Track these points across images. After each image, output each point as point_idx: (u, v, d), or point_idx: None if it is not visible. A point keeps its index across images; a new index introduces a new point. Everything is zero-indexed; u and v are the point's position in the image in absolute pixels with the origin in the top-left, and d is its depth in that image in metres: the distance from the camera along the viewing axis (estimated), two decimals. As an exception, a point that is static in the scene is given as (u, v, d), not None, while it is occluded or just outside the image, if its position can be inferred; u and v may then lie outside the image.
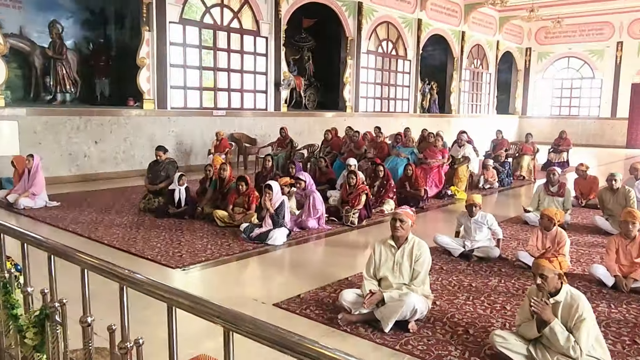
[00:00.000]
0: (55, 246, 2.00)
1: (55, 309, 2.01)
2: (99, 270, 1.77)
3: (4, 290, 2.34)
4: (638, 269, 4.62)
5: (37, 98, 10.72)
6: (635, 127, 21.92)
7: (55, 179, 9.27)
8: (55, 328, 2.02)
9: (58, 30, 10.63)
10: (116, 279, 1.71)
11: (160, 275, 4.69)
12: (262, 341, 1.30)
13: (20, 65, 10.58)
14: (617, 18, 21.69)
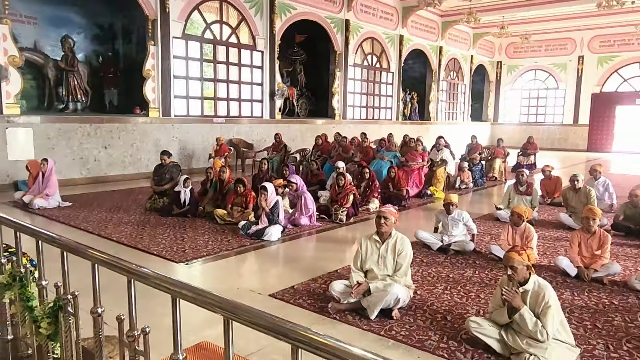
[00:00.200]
0: (68, 243, 1.98)
1: (68, 301, 1.99)
2: (108, 265, 1.76)
3: (20, 284, 2.31)
4: (598, 260, 4.67)
5: (50, 107, 10.63)
6: (595, 132, 22.15)
7: (67, 181, 9.18)
8: (68, 318, 2.00)
9: (70, 44, 10.56)
10: (124, 273, 1.70)
11: (165, 269, 4.66)
12: (259, 329, 1.29)
13: (34, 76, 10.50)
14: (579, 35, 21.90)
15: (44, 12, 10.58)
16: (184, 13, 11.02)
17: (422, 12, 17.70)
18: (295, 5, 13.52)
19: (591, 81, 22.06)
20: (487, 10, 17.81)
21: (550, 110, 23.70)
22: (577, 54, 22.32)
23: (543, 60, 23.44)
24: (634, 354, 3.14)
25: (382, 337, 3.32)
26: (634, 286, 4.34)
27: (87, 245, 1.90)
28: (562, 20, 19.69)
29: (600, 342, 3.30)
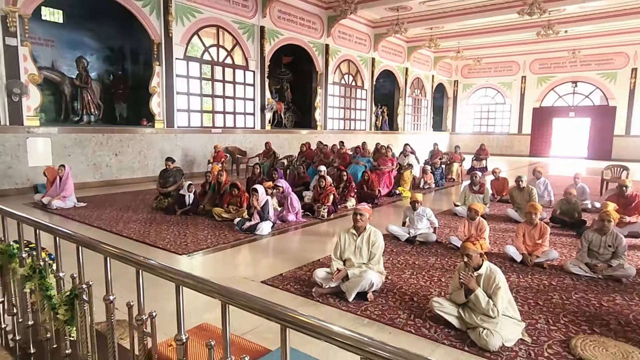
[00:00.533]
0: (83, 239, 1.93)
1: (83, 290, 1.95)
2: (119, 258, 1.72)
3: (40, 275, 2.25)
4: (539, 248, 4.75)
5: (67, 119, 10.39)
6: (536, 140, 22.56)
7: (82, 184, 8.98)
8: (83, 305, 1.96)
9: (84, 64, 10.36)
10: (133, 264, 1.67)
11: (170, 261, 4.59)
12: (252, 311, 1.28)
13: (52, 92, 10.24)
14: (522, 58, 22.31)
15: (61, 36, 10.36)
16: (185, 37, 10.90)
17: (391, 38, 17.83)
18: (282, 31, 13.51)
19: (532, 97, 22.50)
20: (445, 37, 18.04)
21: (499, 122, 24.03)
22: (520, 74, 22.73)
23: (492, 80, 23.79)
24: (569, 326, 3.20)
25: (358, 317, 3.32)
26: (569, 269, 4.43)
27: (100, 241, 1.86)
28: (508, 46, 20.06)
29: (541, 317, 3.35)
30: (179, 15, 10.65)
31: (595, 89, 20.89)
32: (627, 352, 2.79)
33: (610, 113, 20.37)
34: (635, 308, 3.56)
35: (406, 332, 3.07)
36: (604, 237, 4.42)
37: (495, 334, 2.80)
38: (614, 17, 14.80)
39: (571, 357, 2.75)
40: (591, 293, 3.89)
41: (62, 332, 2.14)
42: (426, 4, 14.64)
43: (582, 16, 15.12)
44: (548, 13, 13.17)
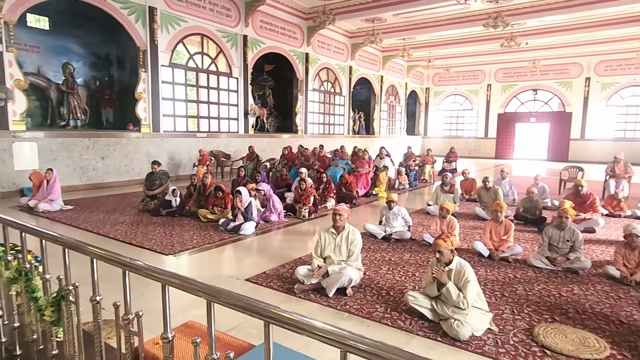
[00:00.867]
0: (69, 241, 1.87)
1: (69, 291, 1.88)
2: (105, 259, 1.67)
3: (25, 278, 2.17)
4: (504, 243, 4.84)
5: (53, 124, 10.05)
6: (501, 144, 23.09)
7: (69, 187, 8.71)
8: (70, 306, 1.89)
9: (70, 70, 10.05)
10: (119, 265, 1.62)
11: (156, 261, 4.50)
12: (237, 309, 1.27)
13: (38, 97, 9.90)
14: (487, 68, 22.82)
15: (47, 43, 10.03)
16: (171, 45, 10.72)
17: (367, 47, 17.98)
18: (264, 40, 13.44)
19: (497, 104, 23.04)
20: (417, 48, 18.30)
21: (467, 127, 24.48)
22: (486, 82, 23.25)
23: (461, 87, 24.24)
24: (532, 315, 3.28)
25: (338, 311, 3.32)
26: (531, 263, 4.54)
27: (86, 243, 1.80)
28: (474, 56, 20.48)
29: (507, 307, 3.42)
30: (164, 24, 10.47)
31: (553, 96, 21.55)
32: (584, 338, 2.87)
33: (567, 118, 21.05)
34: (591, 297, 3.68)
35: (383, 325, 3.08)
36: (562, 232, 4.55)
37: (465, 325, 2.85)
38: (570, 31, 15.31)
39: (534, 344, 2.81)
40: (551, 284, 3.99)
41: (48, 333, 2.07)
42: (399, 16, 14.83)
43: (541, 29, 15.59)
44: (511, 26, 13.52)
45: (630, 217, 7.31)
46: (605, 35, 16.42)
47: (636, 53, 17.25)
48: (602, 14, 13.84)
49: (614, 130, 20.21)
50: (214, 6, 11.70)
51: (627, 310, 3.41)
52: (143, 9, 9.97)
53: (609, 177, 8.91)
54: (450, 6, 13.18)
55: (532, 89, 21.98)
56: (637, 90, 19.53)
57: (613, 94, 20.01)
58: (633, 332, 3.00)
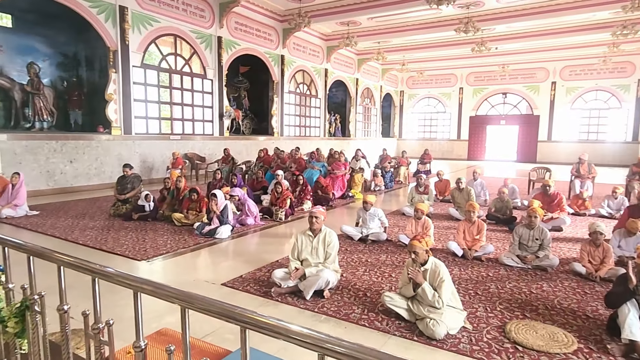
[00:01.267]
0: (34, 248, 1.79)
1: (34, 301, 1.80)
2: (73, 267, 1.60)
3: (-14, 288, 2.06)
4: (477, 243, 4.95)
5: (17, 126, 9.63)
6: (473, 145, 23.69)
7: (35, 192, 8.36)
8: (35, 317, 1.81)
9: (35, 70, 9.66)
10: (88, 273, 1.56)
11: (128, 267, 4.37)
12: (212, 314, 1.24)
13: (1, 98, 9.47)
14: (459, 72, 23.40)
15: (10, 41, 9.60)
16: (142, 46, 10.47)
17: (342, 50, 18.09)
18: (239, 42, 13.33)
19: (468, 107, 23.64)
20: (391, 51, 18.56)
21: (440, 129, 24.96)
22: (458, 86, 23.82)
23: (434, 91, 24.74)
24: (504, 312, 3.36)
25: (316, 314, 3.30)
26: (503, 261, 4.66)
27: (53, 250, 1.72)
28: (447, 60, 20.95)
29: (480, 305, 3.50)
30: (136, 24, 10.22)
31: (522, 99, 22.30)
32: (553, 333, 2.97)
33: (534, 121, 21.83)
34: (559, 294, 3.81)
35: (360, 326, 3.09)
36: (531, 231, 4.70)
37: (440, 324, 2.89)
38: (536, 37, 15.91)
39: (507, 341, 2.88)
40: (522, 282, 4.11)
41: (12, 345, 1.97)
42: (374, 19, 15.02)
43: (509, 35, 16.13)
44: (481, 31, 13.91)
45: (594, 215, 7.62)
46: (569, 42, 17.15)
47: (598, 59, 18.07)
48: (566, 21, 14.45)
49: (578, 133, 21.10)
50: (187, 7, 11.52)
51: (592, 305, 3.54)
52: (113, 8, 9.70)
53: (574, 177, 9.28)
54: (423, 11, 13.46)
55: (502, 93, 22.68)
56: (599, 94, 20.47)
57: (577, 98, 20.90)
58: (598, 326, 3.13)
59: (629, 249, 4.68)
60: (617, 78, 19.79)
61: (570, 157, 18.41)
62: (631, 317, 2.74)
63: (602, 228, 4.29)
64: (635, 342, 2.67)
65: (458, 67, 22.77)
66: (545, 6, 12.99)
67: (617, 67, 19.47)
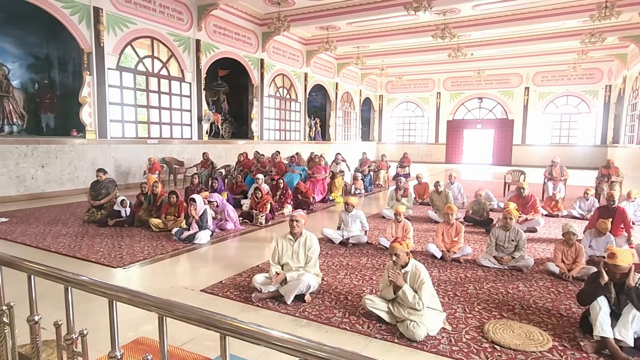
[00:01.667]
0: (2, 256, 1.71)
1: (3, 312, 1.72)
2: (45, 275, 1.55)
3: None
4: (456, 245, 5.03)
5: (-15, 130, 9.27)
6: (450, 149, 24.16)
7: (3, 198, 8.06)
8: (4, 328, 1.73)
9: (4, 72, 9.33)
10: (61, 281, 1.51)
11: (104, 274, 4.25)
12: (191, 322, 1.21)
13: (-33, 101, 9.11)
14: (437, 77, 23.86)
15: (-23, 42, 9.26)
16: (118, 48, 10.25)
17: (322, 55, 18.19)
18: (218, 45, 13.22)
19: (446, 111, 24.11)
20: (370, 56, 18.76)
21: (419, 133, 25.36)
22: (435, 90, 24.27)
23: (412, 95, 25.13)
24: (482, 313, 3.42)
25: (297, 318, 3.29)
26: (480, 262, 4.75)
27: (22, 258, 1.66)
28: (425, 65, 21.32)
29: (459, 306, 3.55)
30: (111, 25, 10.00)
31: (497, 104, 22.90)
32: (529, 332, 3.04)
33: (509, 125, 22.45)
34: (534, 293, 3.91)
35: (342, 330, 3.09)
36: (507, 232, 4.81)
37: (421, 325, 2.92)
38: (510, 43, 16.39)
39: (485, 341, 2.94)
40: (499, 282, 4.20)
41: (-22, 359, 1.88)
42: (353, 24, 15.16)
43: (484, 41, 16.56)
44: (457, 37, 14.23)
45: (566, 216, 7.87)
46: (541, 49, 17.74)
47: (568, 66, 18.74)
48: (538, 29, 14.95)
49: (551, 136, 21.83)
50: (165, 9, 11.35)
51: (566, 303, 3.65)
52: (87, 9, 9.47)
53: (547, 179, 9.57)
54: (402, 17, 13.66)
55: (478, 98, 23.24)
56: (570, 99, 21.25)
57: (549, 103, 21.62)
58: (572, 324, 3.22)
59: (599, 249, 4.85)
60: (586, 84, 20.60)
61: (543, 160, 18.99)
62: (602, 315, 2.83)
63: (574, 229, 4.44)
64: (606, 339, 2.76)
65: (435, 72, 23.21)
66: (517, 14, 13.41)
67: (586, 74, 20.25)
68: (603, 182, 9.20)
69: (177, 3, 11.67)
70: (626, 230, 5.57)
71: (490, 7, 13.10)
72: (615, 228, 5.46)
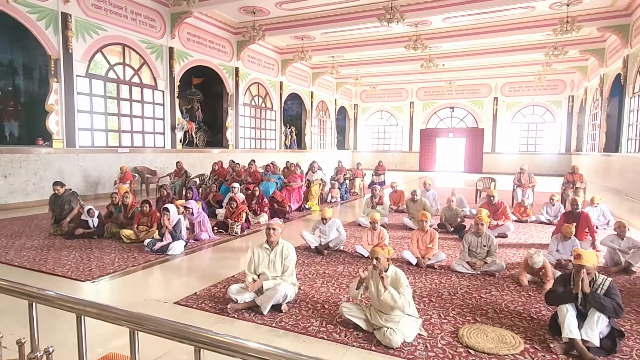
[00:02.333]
0: (-40, 273, 1.62)
1: (-40, 331, 1.62)
2: (7, 291, 1.47)
3: None
4: (430, 251, 5.12)
5: (-58, 138, 8.80)
6: (424, 157, 24.65)
7: (-38, 210, 7.63)
8: (-40, 349, 1.63)
9: (-35, 78, 8.92)
10: (24, 297, 1.44)
11: (71, 288, 4.07)
12: (164, 335, 1.18)
13: None
14: (410, 86, 24.39)
15: None
16: (87, 55, 9.98)
17: (297, 64, 18.28)
18: (192, 53, 13.09)
19: (419, 120, 24.64)
20: (345, 65, 19.00)
21: (393, 141, 25.79)
22: (409, 100, 24.79)
23: (387, 104, 25.57)
24: (457, 318, 3.48)
25: (274, 329, 3.25)
26: (454, 268, 4.84)
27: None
28: (398, 75, 21.79)
29: (435, 312, 3.60)
30: (80, 32, 9.74)
31: (467, 113, 23.60)
32: (502, 336, 3.12)
33: (479, 134, 23.15)
34: (506, 297, 4.01)
35: (319, 339, 3.07)
36: (479, 238, 4.93)
37: (397, 332, 2.94)
38: (479, 55, 16.97)
39: (460, 345, 2.98)
40: (472, 288, 4.29)
41: None
42: (328, 35, 15.34)
43: (455, 53, 17.08)
44: (429, 49, 14.63)
45: (535, 222, 8.14)
46: (508, 61, 18.45)
47: (533, 77, 19.56)
48: (505, 41, 15.56)
49: (519, 145, 22.65)
50: (137, 16, 11.17)
51: (536, 307, 3.76)
52: (54, 15, 9.20)
53: (516, 186, 9.89)
54: (375, 28, 13.95)
55: (449, 107, 23.89)
56: (536, 109, 22.18)
57: (517, 113, 22.47)
58: (542, 327, 3.32)
59: (565, 253, 5.04)
60: (551, 95, 21.56)
61: (512, 167, 19.62)
62: (569, 317, 2.93)
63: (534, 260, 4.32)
64: (574, 340, 2.86)
65: (408, 82, 23.74)
66: (485, 27, 13.94)
67: (550, 85, 21.19)
68: (568, 188, 9.59)
69: (149, 10, 11.50)
70: (590, 234, 5.82)
71: (459, 20, 13.56)
72: (580, 232, 5.69)
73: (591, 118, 17.41)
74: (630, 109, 12.46)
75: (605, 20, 12.57)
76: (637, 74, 11.89)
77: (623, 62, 12.63)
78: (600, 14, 12.49)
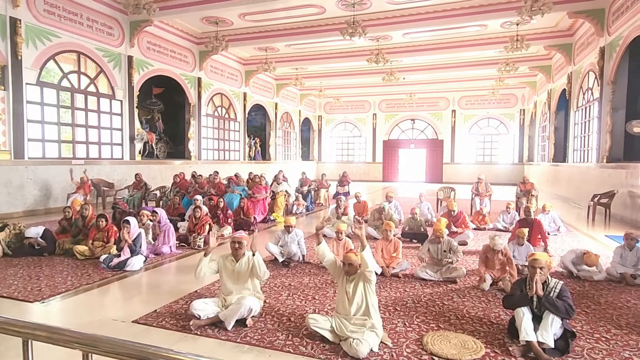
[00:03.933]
0: None
1: None
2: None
3: None
4: (394, 260, 5.20)
5: None
6: (387, 168, 25.18)
7: None
8: None
9: None
10: (-37, 323, 1.32)
11: (18, 310, 3.79)
12: (121, 357, 1.12)
13: None
14: (372, 99, 24.96)
15: None
16: (39, 62, 9.49)
17: (261, 75, 18.25)
18: (152, 62, 12.76)
19: (382, 131, 25.20)
20: (309, 77, 19.19)
21: (357, 152, 26.22)
22: (372, 112, 25.35)
23: (350, 116, 26.00)
24: (421, 325, 3.54)
25: (238, 344, 3.16)
26: (419, 275, 4.94)
27: None
28: (362, 88, 22.30)
29: (399, 321, 3.63)
30: (31, 38, 9.27)
31: (427, 125, 24.42)
32: (464, 342, 3.20)
33: (439, 145, 23.98)
34: (467, 303, 4.13)
35: (285, 353, 3.02)
36: (439, 245, 5.08)
37: (363, 342, 2.94)
38: (437, 69, 17.69)
39: (424, 353, 3.03)
40: (435, 295, 4.38)
41: None
42: (291, 46, 15.46)
43: (415, 67, 17.70)
44: (390, 62, 15.08)
45: (492, 229, 8.48)
46: (464, 75, 19.36)
47: (488, 91, 20.58)
48: (461, 57, 16.33)
49: (476, 155, 23.66)
50: (94, 23, 10.78)
51: (495, 311, 3.90)
52: (2, 19, 8.71)
53: (474, 195, 10.28)
54: (338, 41, 14.20)
55: (410, 119, 24.65)
56: (491, 121, 23.30)
57: (473, 125, 23.50)
58: (501, 331, 3.43)
59: (521, 258, 5.27)
60: (504, 108, 22.75)
61: (470, 177, 20.42)
62: (526, 321, 3.06)
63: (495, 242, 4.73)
64: (530, 343, 2.98)
65: (371, 95, 24.30)
66: (442, 43, 14.58)
67: (503, 99, 22.37)
68: (522, 197, 10.08)
69: (107, 18, 11.14)
70: (542, 240, 6.14)
71: (418, 35, 14.10)
72: (534, 238, 5.99)
73: (541, 130, 18.50)
74: (575, 122, 13.36)
75: (550, 40, 13.50)
76: (580, 89, 12.80)
77: (567, 78, 13.57)
78: (546, 34, 13.40)
